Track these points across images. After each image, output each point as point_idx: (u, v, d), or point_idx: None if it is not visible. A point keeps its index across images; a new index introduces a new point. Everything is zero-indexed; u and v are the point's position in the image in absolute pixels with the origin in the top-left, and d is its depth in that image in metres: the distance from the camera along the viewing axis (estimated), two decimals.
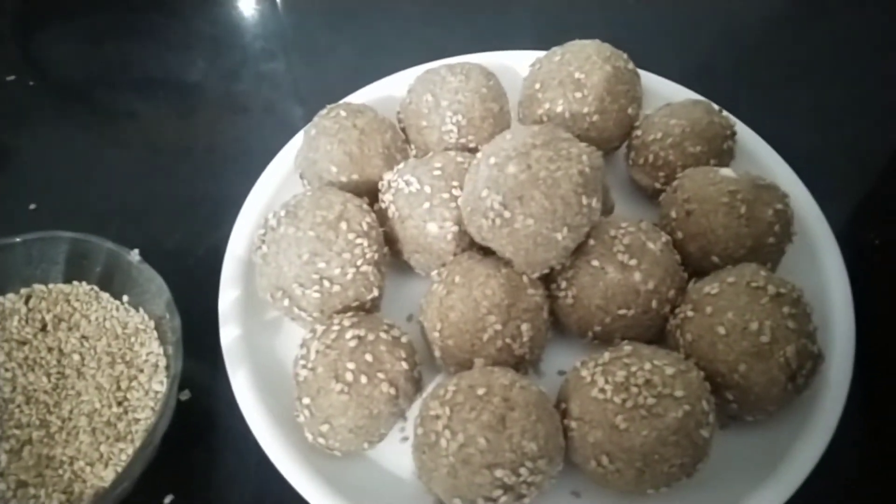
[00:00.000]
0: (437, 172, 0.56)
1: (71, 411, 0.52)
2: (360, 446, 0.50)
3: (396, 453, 0.52)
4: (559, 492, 0.49)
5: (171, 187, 0.74)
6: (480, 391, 0.45)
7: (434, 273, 0.56)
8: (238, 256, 0.60)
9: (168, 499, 0.52)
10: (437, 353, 0.53)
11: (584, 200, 0.50)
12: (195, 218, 0.70)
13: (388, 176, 0.58)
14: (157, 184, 0.74)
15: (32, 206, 0.71)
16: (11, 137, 0.80)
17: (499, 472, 0.43)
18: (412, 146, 0.66)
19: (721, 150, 0.61)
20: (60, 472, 0.50)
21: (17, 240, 0.57)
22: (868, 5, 0.93)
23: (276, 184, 0.65)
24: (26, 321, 0.57)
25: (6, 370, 0.54)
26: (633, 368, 0.46)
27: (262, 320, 0.58)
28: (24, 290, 0.58)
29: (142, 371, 0.54)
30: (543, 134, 0.50)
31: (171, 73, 0.87)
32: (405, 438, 0.53)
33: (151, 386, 0.53)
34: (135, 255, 0.56)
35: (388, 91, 0.72)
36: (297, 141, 0.66)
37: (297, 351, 0.52)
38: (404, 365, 0.50)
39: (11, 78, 0.85)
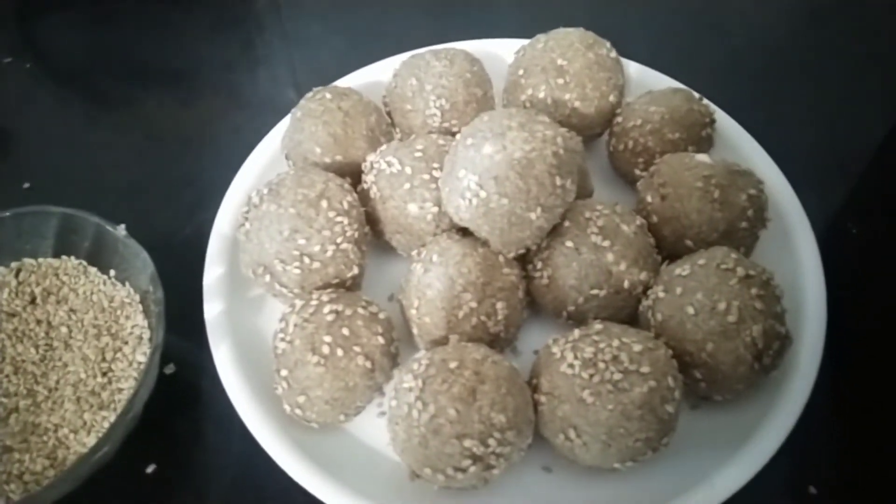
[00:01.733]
0: (419, 154, 0.57)
1: (57, 381, 0.54)
2: (337, 418, 0.51)
3: (374, 427, 0.53)
4: (530, 467, 0.51)
5: (162, 169, 0.75)
6: (452, 364, 0.47)
7: (414, 253, 0.57)
8: (223, 234, 0.61)
9: (151, 468, 0.53)
10: (414, 331, 0.54)
11: (559, 181, 0.51)
12: (184, 198, 0.71)
13: (370, 157, 0.59)
14: (150, 165, 0.75)
15: (26, 185, 0.72)
16: (7, 118, 0.81)
17: (468, 443, 0.44)
18: (397, 130, 0.67)
19: (700, 138, 0.62)
20: (45, 438, 0.51)
21: (8, 214, 0.58)
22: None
23: (262, 165, 0.66)
24: (16, 294, 0.58)
25: None
26: (602, 345, 0.47)
27: (246, 297, 0.59)
28: (14, 264, 0.59)
29: (126, 343, 0.55)
30: (520, 116, 0.51)
31: (167, 60, 0.88)
32: (382, 413, 0.54)
33: (135, 357, 0.54)
34: (121, 229, 0.57)
35: (376, 76, 0.73)
36: (285, 123, 0.67)
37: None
38: (381, 340, 0.51)
39: (8, 60, 0.86)
